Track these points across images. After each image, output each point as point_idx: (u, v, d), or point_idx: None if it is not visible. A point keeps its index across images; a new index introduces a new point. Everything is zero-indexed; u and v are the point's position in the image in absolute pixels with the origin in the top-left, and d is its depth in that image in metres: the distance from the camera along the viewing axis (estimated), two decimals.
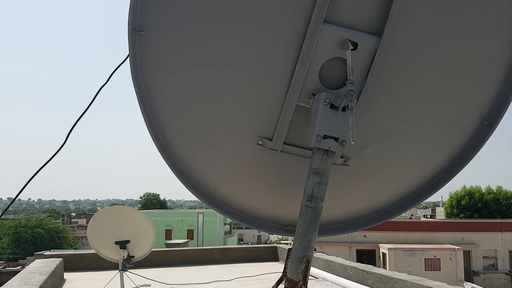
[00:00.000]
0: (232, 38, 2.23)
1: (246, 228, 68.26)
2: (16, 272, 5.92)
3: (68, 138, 2.68)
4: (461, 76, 2.38)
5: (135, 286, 5.72)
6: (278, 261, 8.23)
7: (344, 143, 2.13)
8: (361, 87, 2.26)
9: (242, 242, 59.62)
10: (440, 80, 2.38)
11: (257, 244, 47.29)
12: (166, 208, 66.24)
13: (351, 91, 1.98)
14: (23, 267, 6.56)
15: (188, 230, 45.47)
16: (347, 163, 2.51)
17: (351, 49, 2.13)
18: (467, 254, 27.43)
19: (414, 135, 2.53)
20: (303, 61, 2.21)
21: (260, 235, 69.36)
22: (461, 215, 40.04)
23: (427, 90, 2.39)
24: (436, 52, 2.30)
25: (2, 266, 24.46)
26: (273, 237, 65.54)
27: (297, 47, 2.21)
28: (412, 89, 2.39)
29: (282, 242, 29.87)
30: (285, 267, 2.30)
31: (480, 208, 40.33)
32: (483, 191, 41.98)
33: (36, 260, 6.46)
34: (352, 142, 1.96)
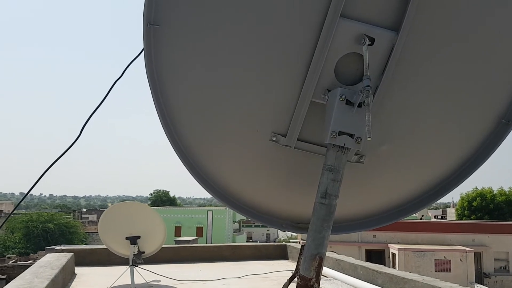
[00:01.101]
0: (247, 33, 2.21)
1: (255, 226, 68.39)
2: (28, 266, 5.97)
3: (82, 133, 2.69)
4: (479, 74, 2.34)
5: (145, 282, 5.75)
6: (287, 259, 8.21)
7: (359, 140, 2.11)
8: (377, 83, 2.23)
9: (251, 240, 59.66)
10: (457, 77, 2.33)
11: (266, 242, 47.35)
12: (176, 205, 66.53)
13: (368, 87, 1.95)
14: (34, 262, 6.62)
15: (197, 227, 45.63)
16: (362, 160, 2.48)
17: (368, 44, 2.09)
18: (478, 256, 27.17)
19: (429, 133, 2.49)
20: (319, 56, 2.18)
21: (269, 234, 69.40)
22: (472, 217, 39.65)
23: (444, 87, 2.35)
24: (454, 48, 2.26)
25: (13, 260, 24.75)
26: (282, 236, 65.53)
27: (312, 42, 2.19)
28: (428, 86, 2.35)
29: (291, 240, 29.80)
30: (297, 264, 2.28)
31: (492, 210, 39.89)
32: (495, 192, 41.51)
33: (48, 254, 6.52)
34: (369, 139, 1.93)
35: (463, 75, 2.33)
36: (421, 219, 32.62)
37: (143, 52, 2.27)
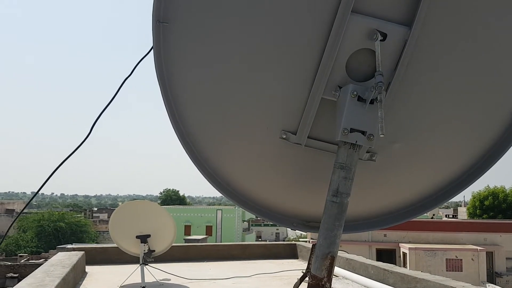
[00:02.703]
0: (257, 29, 2.19)
1: (264, 225, 68.41)
2: (39, 265, 6.02)
3: (92, 131, 2.69)
4: (493, 70, 2.29)
5: (155, 280, 5.75)
6: (297, 258, 8.18)
7: (371, 137, 2.07)
8: (390, 80, 2.19)
9: (260, 239, 59.70)
10: (471, 73, 2.29)
11: (275, 241, 47.30)
12: (185, 204, 66.78)
13: (380, 83, 1.92)
14: (46, 260, 6.67)
15: (206, 226, 45.75)
16: (373, 158, 2.45)
17: (380, 40, 2.06)
18: (490, 255, 26.89)
19: (442, 131, 2.45)
20: (330, 53, 2.15)
21: (278, 233, 69.36)
22: (484, 216, 39.24)
23: (458, 84, 2.31)
24: (468, 44, 2.22)
25: (25, 259, 25.00)
26: (292, 235, 65.47)
27: (323, 38, 2.16)
28: (441, 83, 2.31)
29: (300, 239, 29.75)
30: (309, 263, 2.26)
31: (504, 209, 39.43)
32: (507, 191, 41.02)
33: (59, 253, 6.56)
34: (381, 136, 1.90)
35: (477, 71, 2.29)
36: (432, 218, 32.37)
37: (152, 50, 2.26)
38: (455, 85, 2.31)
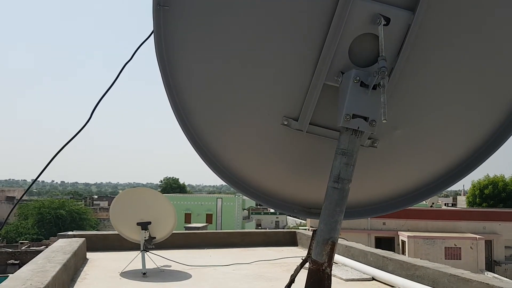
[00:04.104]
0: (257, 13, 2.16)
1: (264, 213, 68.67)
2: (40, 252, 6.05)
3: (92, 117, 2.67)
4: (498, 57, 2.27)
5: (156, 266, 5.79)
6: (297, 245, 8.23)
7: (374, 123, 2.06)
8: (393, 65, 2.17)
9: (260, 227, 59.98)
10: (475, 60, 2.27)
11: (275, 229, 47.52)
12: (186, 193, 66.97)
13: (384, 68, 1.90)
14: (47, 247, 6.70)
15: (207, 214, 45.96)
16: (375, 144, 2.44)
17: (384, 25, 2.03)
18: (488, 244, 27.06)
19: (445, 118, 2.43)
20: (332, 38, 2.12)
21: (278, 221, 69.65)
22: (483, 205, 39.38)
23: (461, 70, 2.29)
24: (473, 30, 2.19)
25: (26, 246, 25.16)
26: (291, 223, 65.76)
27: (326, 23, 2.13)
28: (445, 69, 2.28)
29: (300, 227, 29.89)
30: (309, 249, 2.26)
31: (504, 198, 39.54)
32: (507, 180, 41.11)
33: (60, 239, 6.59)
34: (384, 121, 1.89)
35: (481, 56, 2.26)
36: (431, 206, 32.47)
37: (152, 34, 2.24)
38: (459, 70, 2.29)
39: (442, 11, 2.13)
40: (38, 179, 2.85)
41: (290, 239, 8.40)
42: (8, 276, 4.70)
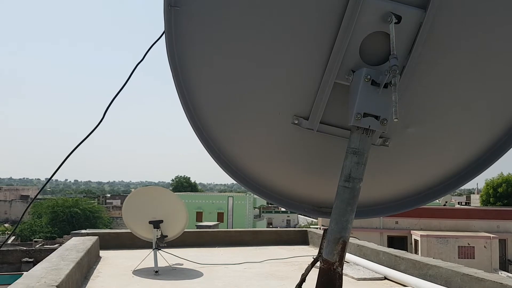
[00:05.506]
0: (268, 12, 2.16)
1: (275, 212, 68.60)
2: (54, 250, 6.12)
3: (105, 117, 2.69)
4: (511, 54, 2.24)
5: (168, 265, 5.83)
6: (308, 244, 8.21)
7: (385, 122, 2.05)
8: (404, 63, 2.16)
9: (271, 226, 59.90)
10: (487, 57, 2.24)
11: (286, 228, 47.40)
12: (197, 191, 67.19)
13: (395, 66, 1.89)
14: (61, 245, 6.78)
15: (218, 213, 46.02)
16: (387, 143, 2.42)
17: (395, 23, 2.02)
18: (502, 243, 26.69)
19: (457, 116, 2.41)
20: (343, 36, 2.12)
21: (289, 220, 69.54)
22: (497, 204, 38.87)
23: (473, 68, 2.26)
24: (485, 28, 2.17)
25: (40, 244, 25.44)
26: (302, 222, 65.63)
27: (337, 21, 2.13)
28: (457, 67, 2.26)
29: (311, 226, 29.83)
30: (320, 248, 2.26)
31: None
32: None
33: (73, 238, 6.66)
34: (395, 120, 1.88)
35: (493, 55, 2.24)
36: (444, 205, 32.12)
37: (164, 34, 2.25)
38: (472, 68, 2.26)
39: (455, 9, 2.11)
40: (52, 178, 2.90)
41: (301, 238, 8.39)
42: (22, 274, 4.76)
